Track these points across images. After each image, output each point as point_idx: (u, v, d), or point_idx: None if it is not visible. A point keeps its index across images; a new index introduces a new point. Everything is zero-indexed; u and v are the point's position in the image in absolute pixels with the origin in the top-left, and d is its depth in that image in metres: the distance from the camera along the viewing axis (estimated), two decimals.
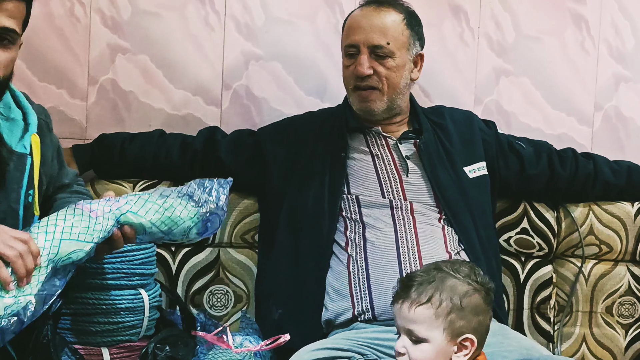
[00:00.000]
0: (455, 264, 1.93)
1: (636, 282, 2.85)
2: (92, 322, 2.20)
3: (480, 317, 1.87)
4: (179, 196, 2.03)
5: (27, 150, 2.01)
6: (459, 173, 2.59)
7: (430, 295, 1.84)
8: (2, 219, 1.95)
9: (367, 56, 2.50)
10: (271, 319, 2.48)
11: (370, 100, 2.53)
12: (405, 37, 2.54)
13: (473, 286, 1.87)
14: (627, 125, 3.04)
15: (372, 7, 2.55)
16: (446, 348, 1.85)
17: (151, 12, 2.78)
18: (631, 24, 3.00)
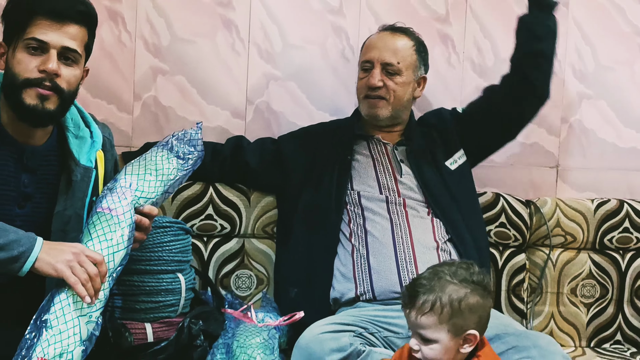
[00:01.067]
0: (452, 267, 1.89)
1: (596, 267, 2.83)
2: (137, 301, 2.20)
3: (480, 313, 1.85)
4: (167, 157, 2.05)
5: (92, 164, 2.02)
6: (442, 169, 2.59)
7: (432, 304, 1.81)
8: (68, 222, 1.97)
9: (380, 71, 2.52)
10: (288, 298, 2.48)
11: (378, 107, 2.54)
12: (413, 60, 2.55)
13: (470, 288, 1.84)
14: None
15: (388, 32, 2.59)
16: (452, 345, 1.84)
17: (187, 39, 2.78)
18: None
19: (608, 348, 2.83)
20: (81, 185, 2.00)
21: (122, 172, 2.01)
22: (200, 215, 2.63)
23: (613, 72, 3.00)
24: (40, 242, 1.78)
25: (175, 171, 2.04)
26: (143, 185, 1.98)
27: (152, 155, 2.04)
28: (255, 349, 2.12)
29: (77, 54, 1.92)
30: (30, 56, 1.86)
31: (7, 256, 1.73)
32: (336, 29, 2.86)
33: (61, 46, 1.87)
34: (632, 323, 2.85)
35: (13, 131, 1.94)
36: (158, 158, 2.03)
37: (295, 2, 2.83)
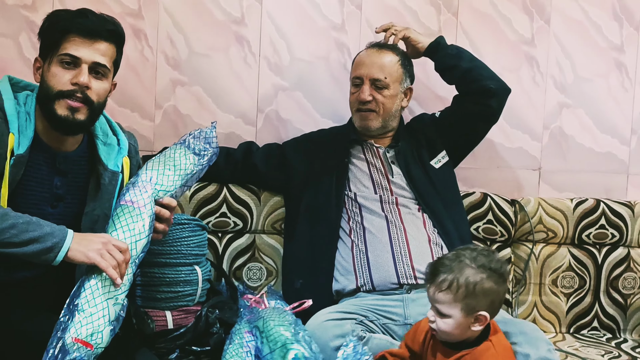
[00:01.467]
0: (474, 252, 1.90)
1: (575, 260, 2.82)
2: (158, 291, 2.21)
3: (492, 297, 1.86)
4: (184, 154, 2.05)
5: (119, 169, 2.04)
6: (428, 169, 2.58)
7: (449, 283, 1.84)
8: (96, 221, 1.98)
9: (369, 86, 2.51)
10: (294, 288, 2.47)
11: (369, 120, 2.54)
12: (399, 74, 2.54)
13: (486, 274, 1.85)
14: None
15: (375, 49, 2.58)
16: (464, 322, 1.85)
17: (203, 54, 2.78)
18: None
19: (586, 334, 2.82)
20: (109, 188, 2.01)
21: (143, 168, 2.02)
22: (215, 213, 2.63)
23: (590, 84, 3.00)
24: (71, 234, 1.78)
25: (192, 166, 2.05)
26: (162, 179, 1.98)
27: (171, 152, 2.05)
28: (287, 323, 2.11)
29: (107, 69, 1.93)
30: (63, 70, 1.87)
31: (42, 247, 1.73)
32: (339, 44, 2.85)
33: (92, 61, 1.89)
34: (607, 311, 2.85)
35: (47, 138, 1.95)
36: (176, 154, 2.04)
37: (301, 20, 2.83)
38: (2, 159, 1.84)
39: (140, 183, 1.95)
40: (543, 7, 2.95)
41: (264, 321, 2.10)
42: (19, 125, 1.89)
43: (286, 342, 2.00)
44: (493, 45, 2.93)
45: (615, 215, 2.84)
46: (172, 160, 2.02)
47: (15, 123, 1.88)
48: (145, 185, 1.94)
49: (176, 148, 2.07)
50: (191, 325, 2.19)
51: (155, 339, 2.13)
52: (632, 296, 2.86)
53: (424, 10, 2.89)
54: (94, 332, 1.72)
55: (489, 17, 2.93)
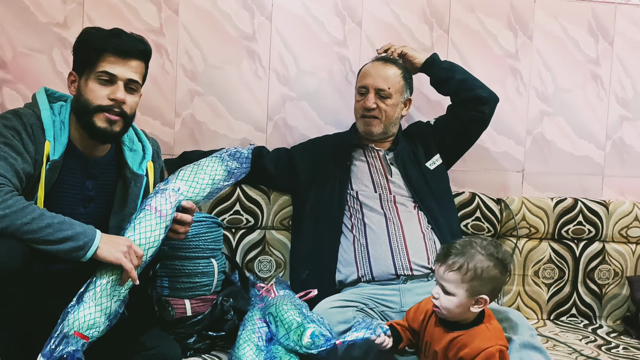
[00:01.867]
0: (484, 242, 1.91)
1: (555, 254, 2.82)
2: (178, 282, 2.22)
3: (494, 284, 1.87)
4: (217, 169, 2.04)
5: (144, 172, 2.06)
6: (424, 170, 2.59)
7: (459, 265, 1.85)
8: (123, 220, 2.00)
9: (373, 95, 2.52)
10: (300, 279, 2.47)
11: (372, 125, 2.55)
12: (401, 85, 2.55)
13: (493, 262, 1.86)
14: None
15: (380, 62, 2.59)
16: (466, 302, 1.86)
17: (218, 67, 2.78)
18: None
19: (565, 320, 2.82)
20: (134, 190, 2.03)
21: (175, 175, 2.02)
22: (230, 211, 2.64)
23: (569, 94, 3.00)
24: (99, 234, 1.79)
25: (221, 182, 2.05)
26: (190, 190, 1.99)
27: (205, 165, 2.04)
28: (298, 308, 2.11)
29: (138, 84, 1.97)
30: (100, 86, 1.90)
31: (74, 245, 1.74)
32: (341, 58, 2.85)
33: (126, 78, 1.92)
34: (584, 300, 2.85)
35: (80, 145, 1.97)
36: (209, 168, 2.03)
37: (307, 36, 2.83)
38: (39, 164, 1.86)
39: (167, 191, 1.95)
40: (526, 24, 2.95)
41: (277, 307, 2.10)
42: (54, 133, 1.90)
43: (302, 322, 2.01)
44: (481, 58, 2.93)
45: (592, 212, 2.84)
46: (203, 173, 2.02)
47: (51, 131, 1.89)
48: (171, 195, 1.94)
49: (211, 162, 2.06)
50: (208, 312, 2.20)
51: (175, 324, 2.15)
52: (606, 286, 2.85)
53: (418, 27, 2.89)
54: (92, 326, 1.75)
55: (477, 34, 2.93)
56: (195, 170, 2.02)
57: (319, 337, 1.95)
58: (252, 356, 2.03)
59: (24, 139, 1.83)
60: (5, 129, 1.82)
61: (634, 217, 2.86)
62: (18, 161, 1.79)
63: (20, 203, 1.72)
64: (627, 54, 3.02)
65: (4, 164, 1.76)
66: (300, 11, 2.82)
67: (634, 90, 3.03)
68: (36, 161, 1.84)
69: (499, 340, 1.88)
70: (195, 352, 2.14)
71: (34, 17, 2.65)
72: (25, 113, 1.88)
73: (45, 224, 1.72)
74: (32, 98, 1.96)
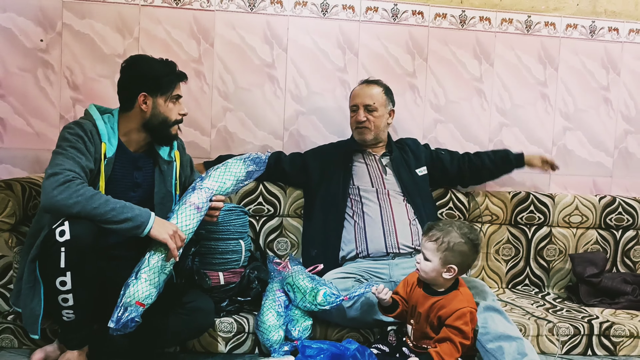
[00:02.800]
0: (462, 224, 1.92)
1: (512, 236, 2.82)
2: (213, 258, 2.22)
3: (463, 258, 1.87)
4: (240, 171, 2.04)
5: (172, 159, 2.09)
6: (413, 173, 2.58)
7: (436, 238, 1.87)
8: (163, 197, 2.04)
9: (363, 111, 2.52)
10: (310, 256, 2.47)
11: (364, 134, 2.55)
12: (383, 100, 2.55)
13: (464, 240, 1.87)
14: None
15: (365, 84, 2.58)
16: (439, 268, 1.88)
17: (245, 88, 2.78)
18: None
19: (520, 289, 2.81)
20: (168, 172, 2.06)
21: (208, 175, 2.03)
22: (254, 202, 2.64)
23: (523, 109, 2.98)
24: (153, 216, 1.81)
25: (242, 181, 2.06)
26: (220, 187, 2.00)
27: (232, 166, 2.04)
28: (309, 277, 2.13)
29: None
30: (174, 105, 2.01)
31: (133, 225, 1.77)
32: (342, 81, 2.85)
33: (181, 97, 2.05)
34: (535, 272, 2.84)
35: (128, 145, 2.01)
36: (235, 169, 2.04)
37: (315, 65, 2.82)
38: (98, 161, 1.89)
39: (203, 189, 1.97)
40: (488, 54, 2.94)
41: (293, 277, 2.12)
42: (108, 136, 1.93)
43: (315, 286, 2.03)
44: (453, 81, 2.92)
45: (541, 203, 2.83)
46: (230, 174, 2.02)
47: (105, 135, 1.92)
48: (206, 192, 1.96)
49: (237, 163, 2.06)
50: (237, 282, 2.20)
51: (211, 291, 2.15)
52: (553, 262, 2.85)
53: (402, 57, 2.88)
54: (148, 295, 1.78)
55: (450, 62, 2.91)
56: (224, 172, 2.02)
57: (330, 295, 2.00)
58: (274, 320, 2.05)
59: (86, 142, 1.87)
60: (71, 136, 1.86)
61: (575, 207, 2.85)
62: (82, 159, 1.83)
63: (90, 192, 1.75)
64: (569, 78, 3.00)
65: (73, 162, 1.80)
66: (309, 44, 2.82)
67: (575, 106, 3.01)
68: (96, 159, 1.89)
69: (470, 303, 1.88)
70: (227, 314, 2.15)
71: (100, 49, 2.66)
72: (84, 122, 1.92)
73: (110, 208, 1.74)
74: (85, 112, 1.99)
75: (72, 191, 1.72)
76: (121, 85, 2.00)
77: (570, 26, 2.99)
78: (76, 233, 1.70)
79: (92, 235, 1.73)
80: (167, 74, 1.98)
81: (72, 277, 1.71)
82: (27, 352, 1.98)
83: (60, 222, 1.72)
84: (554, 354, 2.25)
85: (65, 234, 1.70)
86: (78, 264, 1.71)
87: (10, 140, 2.62)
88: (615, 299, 2.63)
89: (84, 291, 1.75)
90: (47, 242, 1.71)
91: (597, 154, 3.05)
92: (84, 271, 1.74)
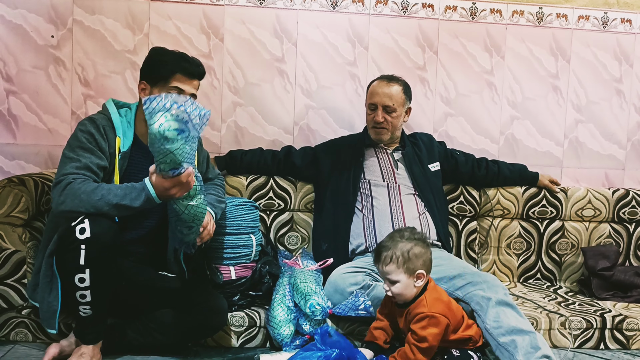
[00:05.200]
0: (401, 231, 1.89)
1: (524, 230, 2.80)
2: (225, 253, 2.23)
3: (423, 258, 1.84)
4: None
5: None
6: (425, 168, 2.57)
7: (390, 257, 1.82)
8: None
9: (381, 111, 2.50)
10: (321, 250, 2.47)
11: (382, 134, 2.54)
12: (402, 99, 2.53)
13: (414, 242, 1.83)
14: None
15: (385, 81, 2.54)
16: (409, 282, 1.83)
17: (255, 83, 2.78)
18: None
19: (531, 282, 2.80)
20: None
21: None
22: (265, 197, 2.64)
23: (534, 102, 2.96)
24: (147, 182, 1.78)
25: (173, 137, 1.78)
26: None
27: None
28: (310, 281, 2.13)
29: (195, 96, 2.00)
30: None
31: (145, 200, 1.76)
32: (352, 75, 2.84)
33: (190, 94, 1.96)
34: (547, 266, 2.82)
35: (144, 139, 2.00)
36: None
37: (325, 58, 2.82)
38: (113, 156, 1.89)
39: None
40: (499, 47, 2.92)
41: (295, 279, 2.14)
42: (123, 130, 1.92)
43: (308, 293, 2.04)
44: (463, 74, 2.90)
45: (554, 197, 2.80)
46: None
47: (120, 130, 1.92)
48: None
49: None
50: (249, 277, 2.21)
51: (223, 286, 2.16)
52: (565, 255, 2.83)
53: (413, 50, 2.86)
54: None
55: (460, 55, 2.90)
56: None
57: (316, 307, 2.01)
58: (284, 315, 2.05)
59: (97, 139, 1.87)
60: (82, 134, 1.87)
61: (588, 200, 2.82)
62: (91, 158, 1.83)
63: (91, 187, 1.75)
64: (581, 70, 2.98)
65: (78, 164, 1.81)
66: (319, 38, 2.81)
67: (587, 99, 2.99)
68: (110, 154, 1.88)
69: (431, 307, 1.82)
70: (239, 308, 2.15)
71: (111, 46, 2.67)
72: (98, 118, 1.92)
73: (113, 195, 1.75)
74: (103, 106, 2.00)
75: (73, 192, 1.73)
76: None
77: (582, 17, 2.96)
78: (96, 231, 1.70)
79: (112, 233, 1.74)
80: (166, 62, 1.94)
81: (91, 274, 1.71)
82: (41, 346, 1.99)
83: (80, 220, 1.72)
84: (566, 347, 2.24)
85: (86, 231, 1.70)
86: (97, 261, 1.72)
87: (23, 137, 2.64)
88: (628, 292, 2.61)
89: (102, 288, 1.76)
90: (67, 239, 1.71)
91: (610, 147, 3.02)
92: (103, 269, 1.74)
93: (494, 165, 2.75)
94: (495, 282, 2.07)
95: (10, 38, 2.61)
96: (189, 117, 1.65)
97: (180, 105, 1.64)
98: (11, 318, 2.03)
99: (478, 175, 2.72)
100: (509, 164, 2.79)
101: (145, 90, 1.95)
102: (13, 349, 1.98)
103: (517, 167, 2.79)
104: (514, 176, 2.77)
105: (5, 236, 1.99)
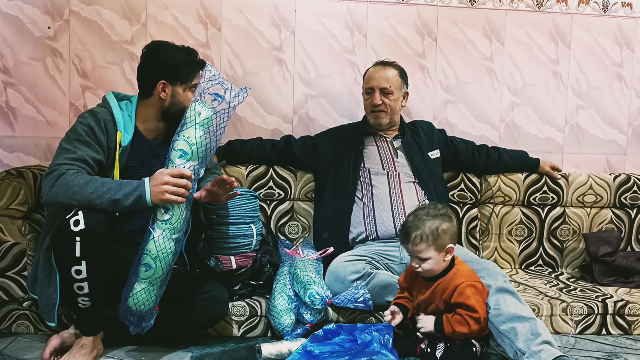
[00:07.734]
0: (424, 209, 1.90)
1: (524, 217, 2.79)
2: (225, 242, 2.22)
3: (450, 233, 1.86)
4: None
5: None
6: (425, 156, 2.56)
7: (421, 237, 1.84)
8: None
9: (379, 94, 2.49)
10: (321, 239, 2.47)
11: (380, 118, 2.52)
12: (399, 83, 2.52)
13: (440, 219, 1.85)
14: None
15: (380, 66, 2.55)
16: (439, 257, 1.86)
17: (253, 72, 2.76)
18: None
19: (533, 269, 2.79)
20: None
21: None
22: (265, 187, 2.63)
23: (534, 88, 2.94)
24: (147, 181, 1.76)
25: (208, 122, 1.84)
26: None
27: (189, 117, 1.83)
28: (310, 271, 2.13)
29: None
30: (192, 93, 1.96)
31: (136, 197, 1.73)
32: (351, 63, 2.82)
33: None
34: (549, 252, 2.81)
35: (145, 133, 1.99)
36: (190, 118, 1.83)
37: (323, 47, 2.79)
38: (113, 150, 1.87)
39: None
40: (499, 33, 2.89)
41: (295, 268, 2.13)
42: (124, 124, 1.91)
43: (308, 283, 2.03)
44: (463, 61, 2.88)
45: (554, 183, 2.79)
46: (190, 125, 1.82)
47: (121, 123, 1.90)
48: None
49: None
50: (249, 266, 2.21)
51: (224, 276, 2.16)
52: (566, 242, 2.82)
53: (412, 37, 2.84)
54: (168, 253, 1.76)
55: (460, 41, 2.87)
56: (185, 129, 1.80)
57: (315, 296, 2.01)
58: (285, 304, 2.05)
59: (97, 133, 1.85)
60: (81, 127, 1.85)
61: (589, 186, 2.81)
62: (87, 151, 1.82)
63: (84, 179, 1.74)
64: (582, 55, 2.95)
65: (74, 155, 1.79)
66: (317, 27, 2.78)
67: (588, 84, 2.96)
68: (110, 148, 1.86)
69: (469, 278, 1.88)
70: (240, 297, 2.16)
71: (108, 36, 2.65)
72: (99, 111, 1.90)
73: (107, 189, 1.73)
74: (103, 99, 1.98)
75: (66, 184, 1.72)
76: (141, 71, 1.99)
77: (583, 2, 2.92)
78: (90, 222, 1.70)
79: (106, 224, 1.73)
80: (188, 62, 1.96)
81: (87, 265, 1.72)
82: (43, 338, 2.00)
83: (74, 212, 1.71)
84: (567, 333, 2.23)
85: (80, 223, 1.70)
86: (93, 252, 1.72)
87: (21, 129, 2.63)
88: (630, 277, 2.61)
89: (99, 279, 1.76)
90: (62, 232, 1.72)
91: (611, 132, 3.00)
92: (99, 260, 1.74)
93: (495, 152, 2.73)
94: (495, 269, 2.07)
95: (6, 30, 2.59)
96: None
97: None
98: (12, 310, 2.04)
99: (478, 162, 2.70)
100: (510, 151, 2.77)
101: (167, 90, 1.95)
102: (15, 340, 1.99)
103: (518, 153, 2.77)
104: (515, 163, 2.75)
105: (5, 229, 1.99)
